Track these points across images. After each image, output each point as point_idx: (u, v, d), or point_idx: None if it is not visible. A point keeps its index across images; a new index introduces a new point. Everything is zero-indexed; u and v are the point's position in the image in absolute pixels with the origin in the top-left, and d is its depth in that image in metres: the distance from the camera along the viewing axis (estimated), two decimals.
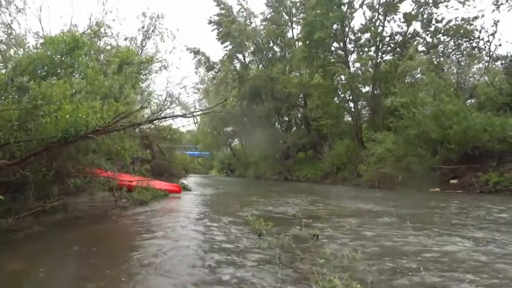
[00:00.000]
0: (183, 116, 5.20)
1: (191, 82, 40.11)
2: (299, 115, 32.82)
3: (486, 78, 17.75)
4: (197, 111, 6.31)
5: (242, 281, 3.06)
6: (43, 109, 4.38)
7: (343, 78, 24.47)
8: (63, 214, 6.40)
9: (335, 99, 25.41)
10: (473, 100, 18.28)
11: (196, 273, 3.28)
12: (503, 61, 19.13)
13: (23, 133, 4.50)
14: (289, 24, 33.25)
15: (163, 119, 5.71)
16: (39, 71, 6.40)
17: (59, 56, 6.74)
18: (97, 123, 4.53)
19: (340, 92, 25.47)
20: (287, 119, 35.18)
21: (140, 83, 12.20)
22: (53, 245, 4.52)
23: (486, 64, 19.89)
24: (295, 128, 35.27)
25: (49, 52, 6.62)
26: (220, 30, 35.64)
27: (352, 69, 24.90)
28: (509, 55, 18.75)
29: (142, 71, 8.93)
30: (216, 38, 36.38)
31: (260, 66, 36.33)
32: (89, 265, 3.59)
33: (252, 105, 35.14)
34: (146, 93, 10.30)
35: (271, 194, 12.98)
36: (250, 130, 37.12)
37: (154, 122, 6.15)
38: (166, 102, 6.42)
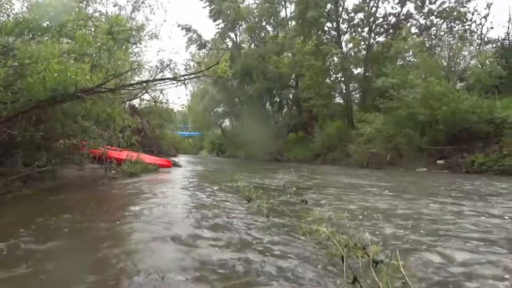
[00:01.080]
0: (174, 79, 5.13)
1: (182, 58, 39.34)
2: (291, 96, 32.73)
3: (477, 61, 17.84)
4: (188, 74, 6.18)
5: (228, 232, 3.13)
6: (30, 69, 4.28)
7: (335, 60, 24.40)
8: (51, 182, 6.39)
9: (326, 80, 25.34)
10: (463, 84, 18.42)
11: (183, 225, 3.34)
12: (494, 45, 19.26)
13: (10, 93, 4.41)
14: (283, 2, 32.72)
15: (153, 83, 5.62)
16: (25, 35, 6.23)
17: (46, 21, 6.57)
18: (86, 84, 4.47)
19: (332, 73, 25.40)
20: (278, 99, 35.03)
21: (131, 56, 11.98)
22: (44, 205, 4.52)
23: (478, 47, 19.98)
24: (286, 109, 35.21)
25: (36, 16, 6.43)
26: (212, 7, 34.93)
27: (344, 49, 24.82)
28: (500, 38, 18.90)
29: (132, 38, 8.73)
30: (208, 16, 35.71)
31: (253, 45, 35.91)
32: (82, 219, 3.62)
33: (244, 85, 34.87)
34: (137, 63, 10.08)
35: (261, 171, 13.10)
36: (241, 110, 36.96)
37: (144, 89, 6.08)
38: (157, 68, 6.33)
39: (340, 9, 24.63)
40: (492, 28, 21.62)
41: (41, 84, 4.29)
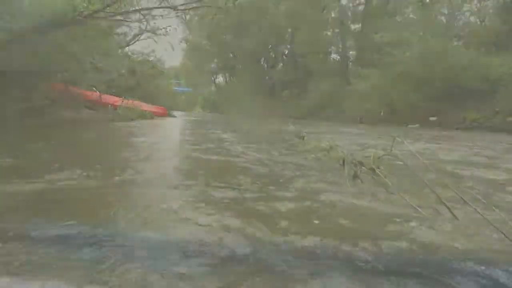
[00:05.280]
0: (174, 8, 5.03)
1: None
2: (286, 52, 32.08)
3: (476, 17, 17.55)
4: (188, 3, 5.96)
5: (228, 146, 3.27)
6: None
7: (333, 15, 23.82)
8: (50, 120, 6.43)
9: (324, 34, 24.85)
10: (460, 42, 18.17)
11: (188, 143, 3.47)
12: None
13: (6, 16, 4.28)
14: None
15: (151, 13, 5.51)
16: None
17: None
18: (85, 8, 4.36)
19: (329, 27, 24.87)
20: (274, 55, 34.31)
21: None
22: (47, 131, 4.60)
23: (478, 3, 19.53)
24: (281, 65, 34.58)
25: None
26: None
27: (343, 2, 24.14)
28: None
29: None
30: None
31: None
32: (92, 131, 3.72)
33: (238, 39, 33.92)
34: None
35: (256, 121, 13.25)
36: (235, 66, 36.27)
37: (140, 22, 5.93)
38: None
39: None
40: None
41: (37, 8, 4.17)
